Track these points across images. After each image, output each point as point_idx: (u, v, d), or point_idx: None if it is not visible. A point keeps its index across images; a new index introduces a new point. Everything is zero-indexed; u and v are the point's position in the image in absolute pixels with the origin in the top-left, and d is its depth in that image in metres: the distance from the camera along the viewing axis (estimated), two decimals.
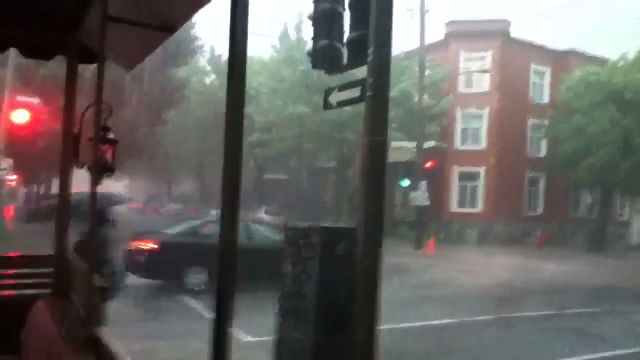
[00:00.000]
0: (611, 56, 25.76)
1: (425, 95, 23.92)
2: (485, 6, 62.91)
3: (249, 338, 7.07)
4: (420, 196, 22.10)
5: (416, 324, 9.11)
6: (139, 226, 15.28)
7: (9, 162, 16.76)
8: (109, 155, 3.02)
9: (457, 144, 28.21)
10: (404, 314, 9.13)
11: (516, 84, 27.61)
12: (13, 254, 3.75)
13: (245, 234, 11.27)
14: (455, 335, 8.66)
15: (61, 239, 3.11)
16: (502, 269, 16.84)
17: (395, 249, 16.10)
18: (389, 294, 6.27)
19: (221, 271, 1.38)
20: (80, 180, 3.22)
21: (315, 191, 33.92)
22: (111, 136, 3.03)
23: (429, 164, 23.33)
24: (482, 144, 28.04)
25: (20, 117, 15.60)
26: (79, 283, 2.62)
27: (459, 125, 28.19)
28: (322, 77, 8.08)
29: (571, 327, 9.40)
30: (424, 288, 12.94)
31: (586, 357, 7.50)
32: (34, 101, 16.68)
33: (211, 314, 1.35)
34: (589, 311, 11.05)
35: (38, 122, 15.94)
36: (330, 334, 4.23)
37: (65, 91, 3.13)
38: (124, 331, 5.85)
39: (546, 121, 27.32)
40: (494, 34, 27.43)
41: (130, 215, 32.02)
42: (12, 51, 3.64)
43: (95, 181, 2.33)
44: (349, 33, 4.51)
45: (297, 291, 4.49)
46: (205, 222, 12.03)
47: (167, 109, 26.13)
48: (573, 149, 24.15)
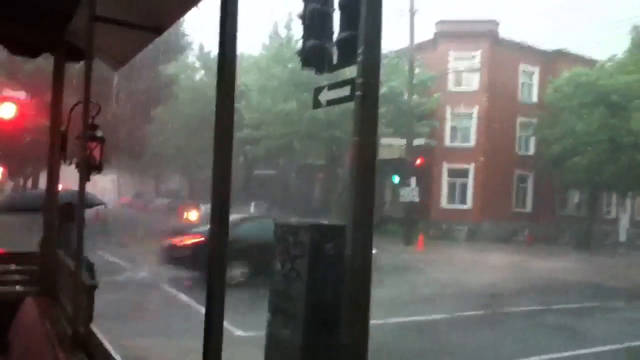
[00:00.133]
0: (607, 57, 25.85)
1: (415, 95, 24.02)
2: (482, 7, 62.59)
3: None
4: (410, 193, 22.20)
5: (406, 319, 9.20)
6: (136, 226, 15.08)
7: None
8: (96, 153, 3.00)
9: (447, 141, 28.31)
10: (392, 310, 9.20)
11: (505, 83, 27.81)
12: None
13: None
14: (445, 331, 8.73)
15: (48, 235, 3.09)
16: (490, 266, 17.00)
17: (384, 246, 16.13)
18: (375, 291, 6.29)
19: (211, 268, 1.39)
20: (67, 174, 3.19)
21: (304, 188, 33.88)
22: (99, 134, 3.02)
23: (418, 161, 23.41)
24: (472, 142, 28.20)
25: (7, 111, 15.37)
26: (66, 281, 2.61)
27: (448, 124, 28.28)
28: (311, 76, 8.05)
29: (556, 323, 9.51)
30: (411, 285, 13.01)
31: (567, 354, 7.57)
32: (19, 95, 16.44)
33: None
34: (574, 307, 11.21)
35: (24, 117, 15.71)
36: (319, 334, 4.23)
37: (53, 89, 3.12)
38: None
39: (535, 120, 27.59)
40: (483, 34, 27.59)
41: (124, 212, 31.83)
42: None
43: (83, 179, 2.33)
44: (339, 33, 4.52)
45: (286, 290, 4.48)
46: (242, 219, 12.23)
47: (156, 105, 25.96)
48: (561, 148, 24.42)
